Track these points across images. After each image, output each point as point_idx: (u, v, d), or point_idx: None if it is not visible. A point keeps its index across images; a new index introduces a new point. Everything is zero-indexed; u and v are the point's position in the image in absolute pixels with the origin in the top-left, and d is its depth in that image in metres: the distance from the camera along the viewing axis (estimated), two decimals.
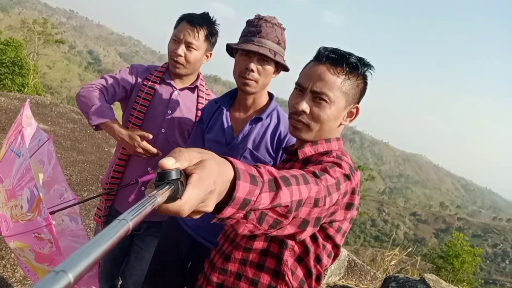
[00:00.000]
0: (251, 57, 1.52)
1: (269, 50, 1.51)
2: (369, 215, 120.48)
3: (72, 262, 0.35)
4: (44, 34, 35.61)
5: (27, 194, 1.48)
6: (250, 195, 0.68)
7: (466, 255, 17.05)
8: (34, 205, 1.45)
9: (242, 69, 1.54)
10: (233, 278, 1.18)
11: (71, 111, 8.82)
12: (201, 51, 1.87)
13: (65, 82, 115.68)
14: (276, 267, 1.14)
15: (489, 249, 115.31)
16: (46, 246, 1.41)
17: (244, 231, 0.76)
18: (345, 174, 1.01)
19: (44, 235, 1.41)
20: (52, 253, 1.41)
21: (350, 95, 1.17)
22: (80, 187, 4.99)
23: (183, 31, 1.81)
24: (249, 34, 1.54)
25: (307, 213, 0.85)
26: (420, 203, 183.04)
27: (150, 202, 0.48)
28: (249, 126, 1.60)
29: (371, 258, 7.26)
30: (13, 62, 18.76)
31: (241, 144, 1.59)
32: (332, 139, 1.22)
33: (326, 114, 1.15)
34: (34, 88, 20.11)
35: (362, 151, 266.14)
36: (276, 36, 1.54)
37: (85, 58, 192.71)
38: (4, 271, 2.85)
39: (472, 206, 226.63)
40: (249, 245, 1.18)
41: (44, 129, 6.69)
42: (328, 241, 1.12)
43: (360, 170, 7.53)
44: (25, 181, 1.50)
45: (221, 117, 1.66)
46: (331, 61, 1.14)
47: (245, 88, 1.56)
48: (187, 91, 1.97)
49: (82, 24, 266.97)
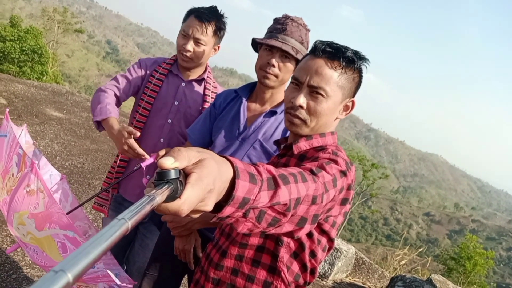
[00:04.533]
0: (274, 53, 1.57)
1: (292, 48, 1.55)
2: (382, 213, 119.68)
3: (71, 261, 0.35)
4: (63, 23, 36.04)
5: (15, 159, 1.50)
6: (249, 194, 0.68)
7: (479, 257, 16.83)
8: (21, 163, 1.47)
9: (264, 63, 1.59)
10: (229, 274, 1.19)
11: (87, 100, 8.94)
12: (209, 46, 1.91)
13: (83, 71, 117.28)
14: (272, 263, 1.15)
15: (503, 252, 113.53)
16: (40, 200, 1.42)
17: (243, 230, 0.77)
18: (341, 171, 1.01)
19: (33, 184, 1.42)
20: (48, 207, 1.41)
21: (346, 89, 1.17)
22: (92, 175, 5.07)
23: (191, 27, 1.84)
24: (275, 31, 1.59)
25: (305, 210, 0.86)
26: (434, 204, 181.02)
27: (149, 202, 0.49)
28: (262, 118, 1.63)
29: (381, 256, 7.22)
30: (33, 50, 19.03)
31: (252, 135, 1.62)
32: (327, 133, 1.22)
33: (322, 109, 1.15)
34: (52, 76, 20.39)
35: (377, 149, 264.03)
36: (300, 35, 1.58)
37: (103, 48, 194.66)
38: (15, 254, 2.91)
39: (487, 208, 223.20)
40: (245, 241, 1.19)
41: (59, 117, 6.83)
42: (323, 235, 1.13)
43: (375, 168, 7.45)
44: (13, 151, 1.52)
45: (237, 107, 1.70)
46: (328, 55, 1.14)
47: (265, 81, 1.60)
48: (194, 83, 2.01)
49: (101, 14, 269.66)
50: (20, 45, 18.42)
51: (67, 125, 6.68)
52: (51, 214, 1.41)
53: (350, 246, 4.81)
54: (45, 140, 5.63)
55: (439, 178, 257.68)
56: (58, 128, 6.32)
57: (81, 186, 4.66)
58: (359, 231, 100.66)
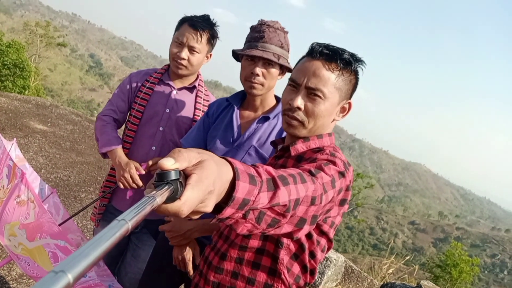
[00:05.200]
0: (256, 62, 1.57)
1: (273, 54, 1.56)
2: (368, 223, 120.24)
3: (72, 262, 0.34)
4: (46, 37, 35.77)
5: (5, 171, 1.49)
6: (249, 195, 0.68)
7: (464, 264, 17.02)
8: (11, 174, 1.45)
9: (248, 73, 1.59)
10: (229, 277, 1.18)
11: (71, 112, 8.83)
12: (203, 54, 1.92)
13: (66, 85, 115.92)
14: (272, 265, 1.15)
15: (488, 259, 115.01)
16: (30, 210, 1.40)
17: (242, 231, 0.77)
18: (340, 172, 1.02)
19: (24, 195, 1.40)
20: (38, 217, 1.39)
21: (343, 90, 1.18)
22: (78, 187, 4.99)
23: (185, 35, 1.84)
24: (253, 40, 1.59)
25: (304, 211, 0.86)
26: (419, 212, 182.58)
27: (149, 203, 0.48)
28: (256, 125, 1.64)
29: (369, 266, 7.22)
30: (14, 64, 18.80)
31: (247, 142, 1.62)
32: (324, 135, 1.22)
33: (320, 110, 1.16)
34: (35, 90, 20.14)
35: (362, 159, 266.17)
36: (279, 40, 1.59)
37: (86, 61, 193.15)
38: (0, 269, 2.84)
39: (471, 216, 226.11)
40: (244, 243, 1.18)
41: (43, 130, 6.73)
42: (322, 236, 1.14)
43: (360, 178, 7.51)
44: (3, 163, 1.50)
45: (229, 115, 1.70)
46: (325, 57, 1.15)
47: (252, 91, 1.61)
48: (185, 90, 2.02)
49: (84, 28, 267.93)
50: (1, 60, 18.17)
51: (51, 138, 6.58)
52: (42, 224, 1.40)
53: (339, 254, 4.82)
54: (29, 153, 5.53)
55: (423, 187, 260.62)
56: (43, 141, 6.22)
57: (67, 199, 4.58)
58: (345, 241, 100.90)
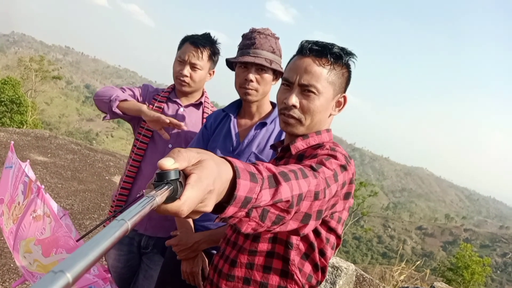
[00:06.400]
0: (249, 68, 1.61)
1: (265, 59, 1.59)
2: (375, 232, 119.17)
3: (71, 262, 0.34)
4: (41, 71, 36.09)
5: (21, 188, 1.49)
6: (251, 193, 0.69)
7: (475, 265, 16.80)
8: (27, 190, 1.46)
9: (242, 80, 1.63)
10: (241, 284, 1.17)
11: (70, 142, 8.86)
12: (205, 70, 1.97)
13: (63, 117, 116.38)
14: (284, 267, 1.14)
15: (499, 258, 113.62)
16: (46, 225, 1.40)
17: (247, 230, 0.76)
18: (342, 165, 1.02)
19: (40, 210, 1.40)
20: (54, 231, 1.39)
21: (337, 84, 1.20)
22: (82, 215, 4.98)
23: (187, 53, 1.90)
24: (245, 47, 1.63)
25: (308, 206, 0.86)
26: (425, 217, 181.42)
27: (149, 203, 0.48)
28: (254, 131, 1.66)
29: (380, 275, 7.12)
30: (11, 101, 18.92)
31: (247, 149, 1.64)
32: (322, 131, 1.24)
33: (315, 106, 1.17)
34: (32, 125, 20.22)
35: (363, 167, 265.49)
36: (270, 45, 1.63)
37: (82, 92, 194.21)
38: None
39: (477, 216, 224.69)
40: (253, 248, 1.17)
41: (44, 161, 6.74)
42: (331, 233, 1.13)
43: (363, 187, 7.50)
44: (19, 180, 1.51)
45: (227, 125, 1.72)
46: (315, 53, 1.17)
47: (247, 97, 1.64)
48: (192, 107, 2.06)
49: (78, 60, 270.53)
50: None
51: (52, 168, 6.59)
52: (58, 238, 1.40)
53: (349, 263, 4.76)
54: None
55: (427, 191, 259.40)
56: (44, 172, 6.23)
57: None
58: (354, 252, 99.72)
